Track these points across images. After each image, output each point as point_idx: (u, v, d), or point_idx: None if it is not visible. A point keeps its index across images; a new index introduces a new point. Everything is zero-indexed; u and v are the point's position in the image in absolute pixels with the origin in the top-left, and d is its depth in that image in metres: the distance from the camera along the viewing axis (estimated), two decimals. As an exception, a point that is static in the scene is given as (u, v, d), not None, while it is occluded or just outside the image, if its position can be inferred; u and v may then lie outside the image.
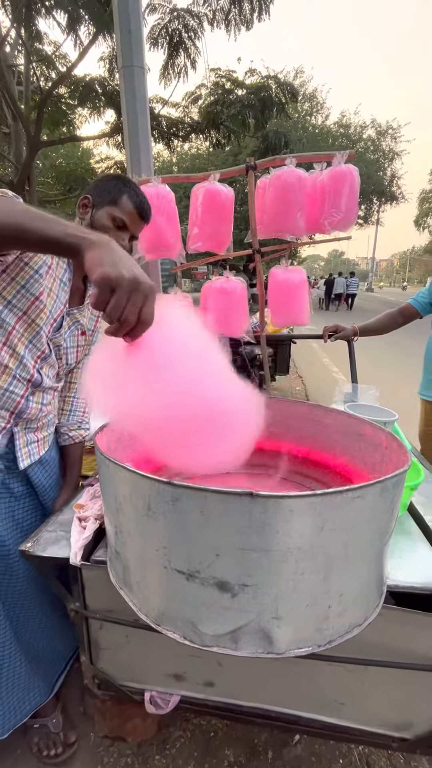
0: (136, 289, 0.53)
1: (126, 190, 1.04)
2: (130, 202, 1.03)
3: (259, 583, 0.54)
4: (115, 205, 1.03)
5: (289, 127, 14.08)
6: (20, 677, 1.09)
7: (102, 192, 1.04)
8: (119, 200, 1.03)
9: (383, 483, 0.56)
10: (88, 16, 5.57)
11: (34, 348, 0.98)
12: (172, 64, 6.85)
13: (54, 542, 0.87)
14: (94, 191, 1.05)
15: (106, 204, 1.03)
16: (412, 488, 0.93)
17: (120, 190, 1.03)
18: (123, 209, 1.03)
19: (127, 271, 0.53)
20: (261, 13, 6.62)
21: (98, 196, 1.04)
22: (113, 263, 0.53)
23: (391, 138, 19.81)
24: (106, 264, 0.53)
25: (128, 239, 1.07)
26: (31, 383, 0.99)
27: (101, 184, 1.05)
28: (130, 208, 1.03)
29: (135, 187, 1.06)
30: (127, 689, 0.93)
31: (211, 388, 0.60)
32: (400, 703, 0.82)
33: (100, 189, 1.04)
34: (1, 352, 0.92)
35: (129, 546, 0.64)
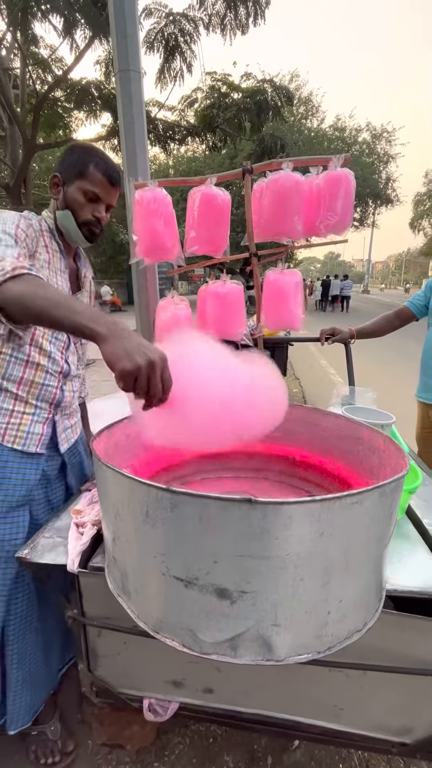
0: (152, 369, 0.59)
1: (91, 160, 1.02)
2: (97, 171, 1.02)
3: (258, 589, 0.54)
4: (83, 177, 1.02)
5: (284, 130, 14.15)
6: (39, 662, 1.13)
7: (68, 167, 1.03)
8: (86, 172, 1.01)
9: (382, 488, 0.56)
10: (84, 20, 5.58)
11: (57, 341, 1.06)
12: (168, 68, 6.87)
13: (51, 549, 0.86)
14: (61, 167, 1.04)
15: (75, 178, 1.02)
16: (410, 491, 0.93)
17: (85, 162, 1.01)
18: (92, 181, 1.02)
19: (140, 356, 0.59)
20: (256, 18, 6.67)
21: (65, 171, 1.03)
22: (127, 354, 0.59)
23: (385, 141, 19.97)
24: (122, 358, 0.59)
25: (105, 210, 1.06)
26: (62, 374, 1.08)
27: (66, 159, 1.04)
28: (99, 178, 1.02)
29: (100, 155, 1.05)
30: (125, 697, 0.92)
31: (239, 400, 0.68)
32: (399, 707, 0.82)
33: (66, 164, 1.03)
34: (31, 352, 1.01)
35: (127, 552, 0.64)
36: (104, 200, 1.05)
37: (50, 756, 1.18)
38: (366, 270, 53.70)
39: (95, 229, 1.07)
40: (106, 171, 1.02)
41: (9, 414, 1.01)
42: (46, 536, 0.91)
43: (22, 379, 1.01)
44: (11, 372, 1.00)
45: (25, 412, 1.03)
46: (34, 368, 1.02)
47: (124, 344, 0.60)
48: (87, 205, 1.03)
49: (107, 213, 1.08)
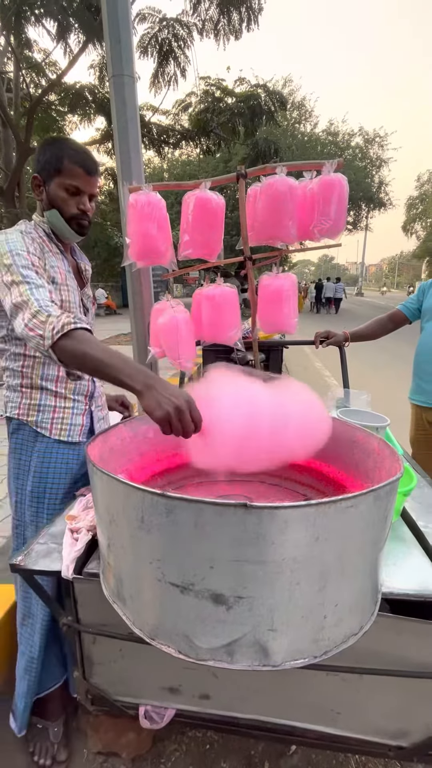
0: (182, 412, 0.70)
1: (64, 153, 1.02)
2: (73, 164, 1.02)
3: (255, 594, 0.54)
4: (60, 173, 1.02)
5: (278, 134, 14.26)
6: (57, 638, 1.16)
7: (45, 166, 1.03)
8: (62, 167, 1.02)
9: (377, 491, 0.56)
10: (78, 24, 5.60)
11: None
12: (162, 73, 6.91)
13: (45, 555, 0.85)
14: (38, 167, 1.05)
15: (53, 176, 1.03)
16: (404, 494, 0.93)
17: (59, 157, 1.02)
18: (69, 174, 1.02)
19: (169, 404, 0.70)
20: (250, 23, 6.73)
21: (43, 171, 1.04)
22: (158, 405, 0.71)
23: (378, 146, 20.19)
24: (155, 409, 0.71)
25: (88, 200, 1.07)
26: None
27: (41, 158, 1.05)
28: (76, 170, 1.02)
29: (73, 146, 1.05)
30: (121, 704, 0.92)
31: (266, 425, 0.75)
32: (396, 711, 0.82)
33: (42, 163, 1.04)
34: None
35: (122, 558, 0.64)
36: (86, 191, 1.05)
37: (44, 757, 1.18)
38: (360, 273, 54.11)
39: (83, 221, 1.08)
40: (82, 162, 1.02)
41: (53, 410, 1.09)
42: (40, 542, 0.90)
43: (59, 377, 1.09)
44: (47, 372, 1.07)
45: (65, 406, 1.11)
46: None
47: (155, 396, 0.72)
48: (70, 200, 1.04)
49: (91, 203, 1.09)
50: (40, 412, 1.08)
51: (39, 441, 1.09)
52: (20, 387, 1.08)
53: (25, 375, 1.07)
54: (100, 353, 0.79)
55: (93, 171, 1.05)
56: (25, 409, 1.08)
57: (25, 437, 1.09)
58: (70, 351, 0.81)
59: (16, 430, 1.10)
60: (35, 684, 1.14)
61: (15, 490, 1.13)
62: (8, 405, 1.10)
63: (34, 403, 1.08)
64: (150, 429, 1.01)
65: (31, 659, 1.12)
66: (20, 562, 0.83)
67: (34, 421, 1.08)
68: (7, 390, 1.11)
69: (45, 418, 1.08)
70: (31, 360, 1.06)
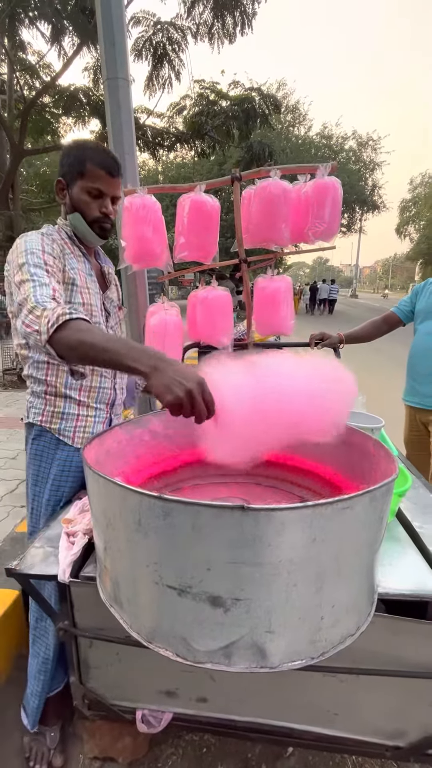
0: (192, 396, 0.66)
1: (87, 155, 1.01)
2: (95, 166, 1.01)
3: (252, 596, 0.54)
4: (83, 176, 1.02)
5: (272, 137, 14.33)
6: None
7: (68, 169, 1.03)
8: (85, 169, 1.01)
9: (372, 492, 0.57)
10: (72, 27, 5.60)
11: None
12: (156, 76, 6.94)
13: (42, 559, 0.85)
14: (62, 171, 1.05)
15: (76, 179, 1.02)
16: (399, 495, 0.94)
17: (82, 159, 1.01)
18: (92, 177, 1.02)
19: (180, 386, 0.66)
20: (244, 28, 6.78)
21: (67, 174, 1.04)
22: (168, 388, 0.67)
23: (371, 149, 20.36)
24: (164, 392, 0.67)
25: (111, 203, 1.06)
26: (113, 374, 1.15)
27: (65, 161, 1.04)
28: (98, 172, 1.01)
29: (95, 147, 1.04)
30: (118, 708, 0.91)
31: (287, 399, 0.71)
32: (393, 711, 0.82)
33: (66, 166, 1.04)
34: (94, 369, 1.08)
35: (119, 562, 0.63)
36: (108, 193, 1.05)
37: (40, 763, 1.18)
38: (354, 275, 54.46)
39: (105, 224, 1.08)
40: (104, 164, 1.02)
41: (76, 418, 1.09)
42: (36, 546, 0.90)
43: (82, 385, 1.08)
44: (71, 380, 1.07)
45: (88, 415, 1.11)
46: (91, 374, 1.09)
47: (164, 379, 0.68)
48: (93, 203, 1.03)
49: (114, 205, 1.08)
50: (64, 420, 1.08)
51: (60, 449, 1.09)
52: (44, 394, 1.08)
53: (49, 383, 1.07)
54: (99, 339, 0.76)
55: (116, 173, 1.04)
56: (49, 416, 1.08)
57: (46, 444, 1.09)
58: (65, 342, 0.77)
59: (38, 437, 1.10)
60: (49, 683, 1.15)
61: (32, 496, 1.12)
62: (31, 410, 1.10)
63: (58, 411, 1.08)
64: (146, 432, 1.01)
65: (47, 659, 1.12)
66: (16, 567, 0.83)
67: (57, 429, 1.08)
68: (31, 396, 1.10)
69: (68, 426, 1.08)
70: (55, 368, 1.06)
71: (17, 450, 3.47)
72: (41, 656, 1.13)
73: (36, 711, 1.17)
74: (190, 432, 1.08)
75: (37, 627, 1.13)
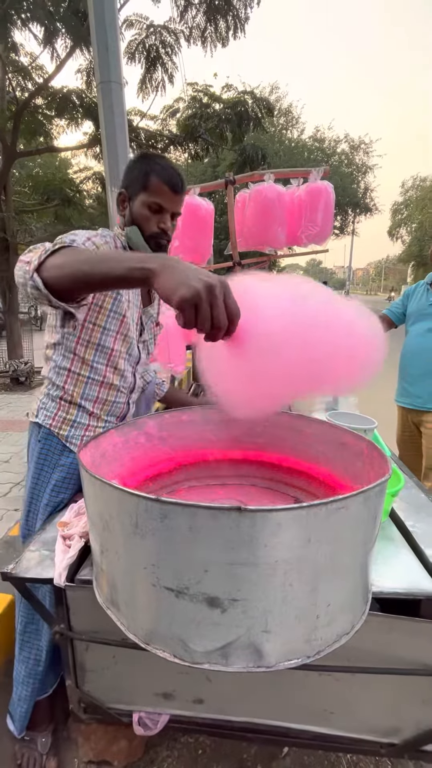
0: (213, 294, 0.54)
1: (152, 169, 1.00)
2: (158, 180, 0.99)
3: (249, 597, 0.54)
4: (145, 190, 1.00)
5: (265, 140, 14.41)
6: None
7: (132, 181, 1.03)
8: (148, 183, 1.00)
9: (366, 492, 0.58)
10: (65, 29, 5.59)
11: (131, 358, 1.12)
12: (149, 79, 6.93)
13: (38, 563, 0.85)
14: (126, 182, 1.04)
15: (139, 192, 1.01)
16: (393, 494, 0.96)
17: (146, 173, 1.00)
18: (154, 191, 1.00)
19: (197, 281, 0.54)
20: (236, 32, 6.81)
21: (130, 187, 1.03)
22: (183, 282, 0.54)
23: (363, 152, 20.55)
24: (178, 287, 0.54)
25: (170, 219, 1.05)
26: (130, 390, 1.16)
27: (129, 173, 1.04)
28: (160, 187, 1.00)
29: (161, 161, 1.03)
30: (114, 711, 0.91)
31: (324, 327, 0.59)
32: (387, 708, 0.83)
33: (129, 178, 1.04)
34: (107, 373, 1.08)
35: (116, 564, 0.64)
36: (168, 209, 1.03)
37: (32, 767, 1.17)
38: (347, 277, 54.83)
39: (162, 241, 1.06)
40: (168, 179, 1.00)
41: (85, 427, 1.10)
42: (31, 550, 0.90)
43: (98, 398, 1.10)
44: (88, 392, 1.08)
45: (98, 426, 1.12)
46: (107, 388, 1.10)
47: (178, 274, 0.55)
48: (152, 218, 1.02)
49: (174, 221, 1.07)
50: (73, 428, 1.09)
51: (65, 455, 1.10)
52: (59, 399, 1.09)
53: (67, 391, 1.08)
54: (96, 253, 0.66)
55: (178, 189, 1.03)
56: (59, 422, 1.09)
57: (52, 448, 1.10)
58: (54, 264, 0.66)
59: (45, 439, 1.10)
60: (39, 687, 1.14)
61: (30, 498, 1.12)
62: (41, 411, 1.10)
63: (69, 419, 1.09)
64: (141, 434, 1.01)
65: (38, 662, 1.12)
66: (12, 570, 0.82)
67: (65, 435, 1.09)
68: (45, 397, 1.10)
69: (76, 434, 1.09)
70: (75, 377, 1.06)
71: (11, 453, 3.44)
72: (31, 660, 1.12)
73: (24, 716, 1.16)
74: (185, 434, 1.09)
75: (26, 631, 1.12)
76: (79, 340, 1.03)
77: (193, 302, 0.53)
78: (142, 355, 1.17)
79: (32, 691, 1.14)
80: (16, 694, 1.16)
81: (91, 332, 1.03)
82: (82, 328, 1.03)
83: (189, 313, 0.54)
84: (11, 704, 1.18)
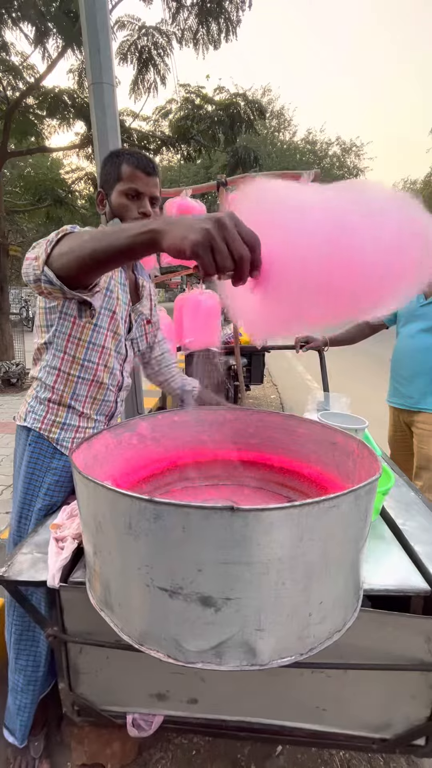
0: (225, 228, 0.50)
1: (122, 159, 1.02)
2: (129, 166, 1.00)
3: (242, 596, 0.55)
4: (119, 180, 1.01)
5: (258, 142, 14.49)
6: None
7: (106, 178, 1.04)
8: (120, 172, 1.01)
9: (356, 491, 0.58)
10: (56, 29, 5.56)
11: (119, 355, 1.12)
12: (141, 80, 6.94)
13: (31, 565, 0.84)
14: (101, 181, 1.06)
15: (114, 184, 1.02)
16: (383, 493, 0.97)
17: (117, 164, 1.02)
18: (128, 178, 1.01)
19: (204, 222, 0.51)
20: (228, 34, 6.84)
21: (105, 183, 1.04)
22: (190, 228, 0.51)
23: (354, 155, 20.77)
24: (186, 236, 0.51)
25: (150, 203, 1.04)
26: (118, 388, 1.16)
27: (102, 172, 1.05)
28: (132, 171, 1.00)
29: (128, 150, 1.04)
30: (108, 714, 0.91)
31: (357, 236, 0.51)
32: (378, 704, 0.84)
33: (104, 176, 1.05)
34: (98, 371, 1.07)
35: (109, 566, 0.64)
36: (146, 192, 1.03)
37: None
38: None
39: None
40: (138, 163, 1.01)
41: (75, 429, 1.09)
42: (24, 552, 0.89)
43: (87, 397, 1.09)
44: (78, 392, 1.07)
45: (87, 426, 1.11)
46: (97, 386, 1.09)
47: (182, 226, 0.53)
48: (131, 205, 1.02)
49: (154, 207, 1.05)
50: (63, 431, 1.08)
51: (56, 458, 1.08)
52: (47, 401, 1.07)
53: (56, 391, 1.06)
54: (95, 233, 0.64)
55: (151, 171, 1.03)
56: (48, 425, 1.07)
57: (42, 451, 1.08)
58: (60, 252, 0.67)
59: (35, 442, 1.08)
60: (39, 693, 1.13)
61: (21, 503, 1.10)
62: (29, 414, 1.09)
63: (59, 421, 1.07)
64: (134, 435, 1.01)
65: (36, 668, 1.11)
66: (3, 574, 0.82)
67: (56, 438, 1.08)
68: (33, 400, 1.09)
69: (67, 436, 1.08)
70: (65, 376, 1.05)
71: (2, 456, 3.40)
72: (30, 667, 1.11)
73: (26, 724, 1.14)
74: (177, 435, 1.09)
75: (22, 639, 1.10)
76: (70, 338, 1.03)
77: (207, 243, 0.50)
78: (130, 353, 1.17)
79: (32, 698, 1.12)
80: (14, 705, 1.13)
81: (82, 330, 1.02)
82: (73, 326, 1.02)
83: (206, 256, 0.50)
84: (8, 717, 1.16)
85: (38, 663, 1.11)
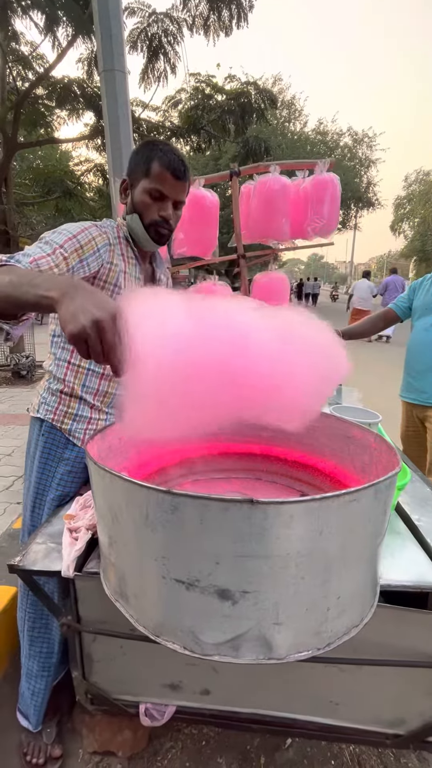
0: (101, 329, 0.53)
1: (154, 155, 0.97)
2: (160, 166, 0.96)
3: (260, 589, 0.54)
4: (147, 176, 0.98)
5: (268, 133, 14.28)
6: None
7: (134, 168, 1.01)
8: (150, 169, 0.97)
9: (377, 485, 0.57)
10: (66, 17, 5.50)
11: None
12: (151, 69, 6.85)
13: (45, 555, 0.85)
14: (129, 170, 1.02)
15: (140, 179, 0.99)
16: (399, 488, 0.96)
17: (148, 158, 0.97)
18: (155, 177, 0.97)
19: (85, 316, 0.53)
20: (239, 21, 6.71)
21: (132, 174, 1.01)
22: (73, 316, 0.53)
23: (366, 146, 20.35)
24: (68, 321, 0.54)
25: (172, 208, 1.01)
26: None
27: (132, 160, 1.01)
28: (162, 172, 0.96)
29: (164, 147, 0.98)
30: (121, 702, 0.91)
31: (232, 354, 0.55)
32: (393, 699, 0.83)
33: (132, 165, 1.01)
34: (106, 370, 1.05)
35: (125, 557, 0.64)
36: (170, 196, 0.99)
37: (37, 756, 1.17)
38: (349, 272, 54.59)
39: (162, 229, 1.02)
40: (169, 165, 0.96)
41: (87, 420, 1.09)
42: (38, 542, 0.90)
43: (98, 390, 1.08)
44: (89, 384, 1.07)
45: (99, 419, 1.10)
46: (108, 380, 1.08)
47: (72, 306, 0.54)
48: (153, 205, 0.99)
49: (177, 210, 1.03)
50: (75, 422, 1.08)
51: (69, 449, 1.08)
52: (59, 393, 1.07)
53: (67, 383, 1.06)
54: (17, 275, 0.63)
55: (181, 175, 0.98)
56: (61, 416, 1.07)
57: (55, 442, 1.08)
58: None
59: (48, 433, 1.09)
60: (53, 679, 1.15)
61: (35, 494, 1.11)
62: (42, 406, 1.09)
63: (71, 412, 1.07)
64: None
65: (50, 655, 1.12)
66: (19, 563, 0.82)
67: (68, 429, 1.08)
68: (45, 392, 1.10)
69: (79, 427, 1.08)
70: (75, 369, 1.05)
71: (12, 447, 3.44)
72: (44, 653, 1.12)
73: (40, 709, 1.16)
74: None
75: (35, 627, 1.12)
76: None
77: (82, 338, 0.53)
78: None
79: (47, 683, 1.14)
80: (28, 690, 1.15)
81: None
82: None
83: (81, 348, 0.54)
84: (22, 702, 1.18)
85: (52, 650, 1.12)
